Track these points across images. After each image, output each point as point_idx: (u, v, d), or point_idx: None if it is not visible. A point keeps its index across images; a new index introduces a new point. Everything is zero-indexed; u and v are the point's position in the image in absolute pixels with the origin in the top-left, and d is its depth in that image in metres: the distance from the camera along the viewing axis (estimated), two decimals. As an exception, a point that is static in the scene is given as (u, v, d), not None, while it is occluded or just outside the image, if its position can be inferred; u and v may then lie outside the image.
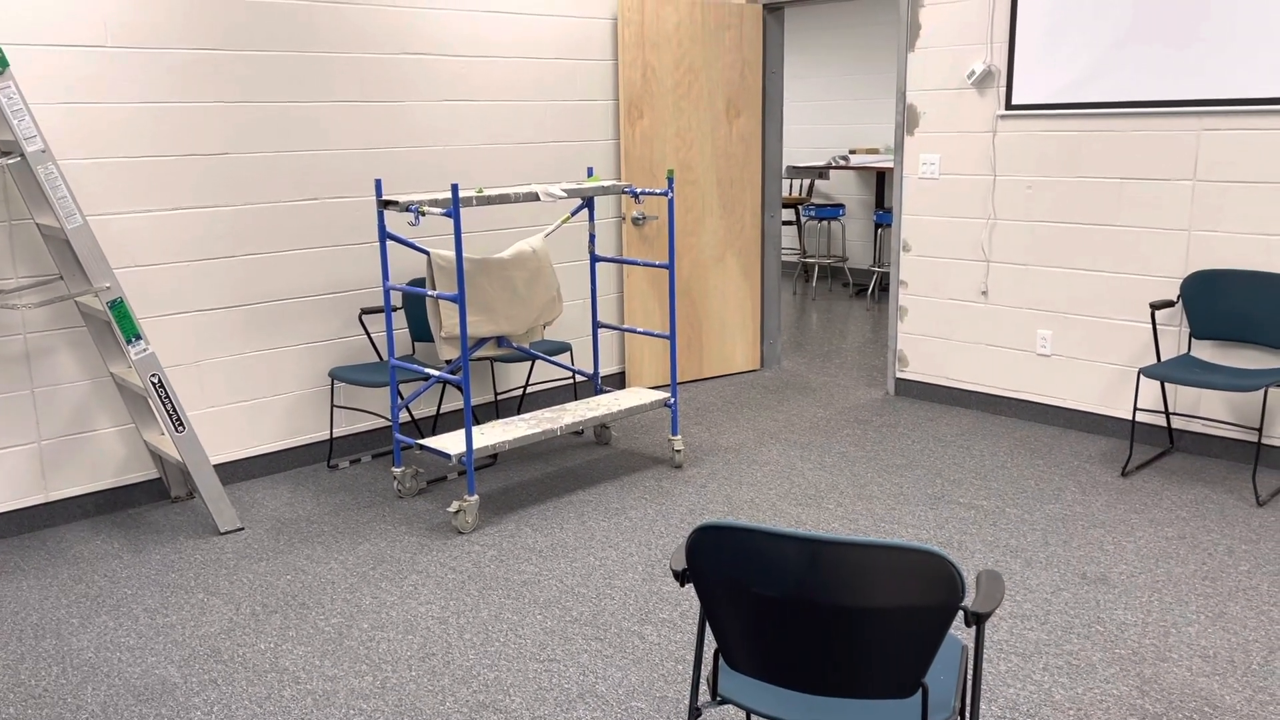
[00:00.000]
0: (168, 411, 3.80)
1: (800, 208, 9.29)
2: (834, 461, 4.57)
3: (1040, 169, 4.85)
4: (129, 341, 3.74)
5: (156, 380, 3.79)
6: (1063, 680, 2.81)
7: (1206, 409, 4.54)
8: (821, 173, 9.08)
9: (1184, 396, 4.60)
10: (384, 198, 3.85)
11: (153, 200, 4.08)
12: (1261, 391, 4.33)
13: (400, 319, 4.87)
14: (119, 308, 3.72)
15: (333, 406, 4.66)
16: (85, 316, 3.95)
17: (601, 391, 4.74)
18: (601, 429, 4.91)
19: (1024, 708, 2.68)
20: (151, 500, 4.27)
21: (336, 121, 4.51)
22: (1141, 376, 4.57)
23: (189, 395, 4.28)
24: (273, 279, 4.44)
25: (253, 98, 4.26)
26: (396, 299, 4.84)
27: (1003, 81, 4.91)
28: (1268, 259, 4.26)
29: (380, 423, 4.87)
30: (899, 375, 5.58)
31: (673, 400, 4.52)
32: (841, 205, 9.09)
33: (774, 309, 6.26)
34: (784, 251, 10.11)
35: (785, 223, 9.59)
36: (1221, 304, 4.34)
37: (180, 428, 3.83)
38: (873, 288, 8.95)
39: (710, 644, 2.99)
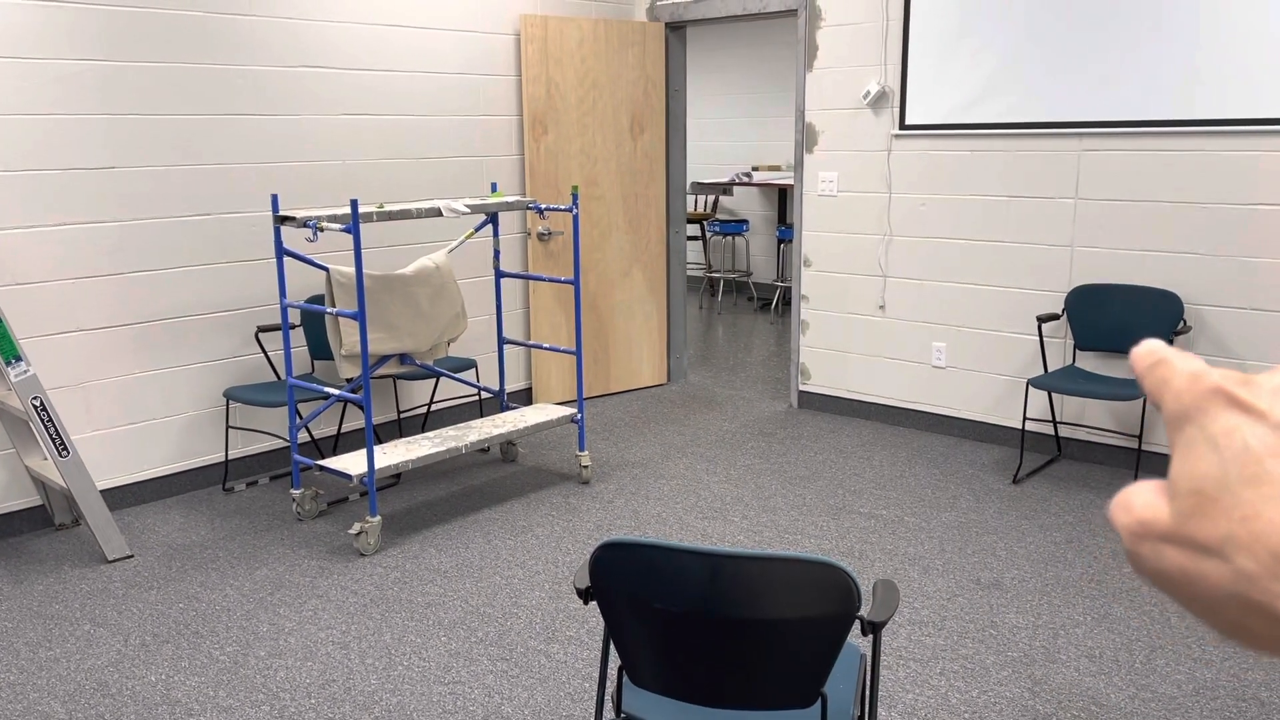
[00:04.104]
0: (50, 435, 3.64)
1: (705, 223, 9.40)
2: (739, 474, 4.63)
3: (932, 187, 5.02)
4: (8, 363, 3.57)
5: (38, 403, 3.63)
6: (958, 684, 2.89)
7: (1091, 417, 4.73)
8: (725, 189, 9.20)
9: (1070, 406, 4.79)
10: (280, 213, 3.77)
11: (35, 215, 3.91)
12: (1141, 400, 4.54)
13: (299, 337, 4.76)
14: (-3, 328, 3.55)
15: (228, 427, 4.52)
16: (-40, 337, 3.77)
17: (508, 408, 4.71)
18: (508, 446, 4.87)
19: (922, 713, 2.75)
20: (34, 528, 4.08)
21: (231, 135, 4.40)
22: (1030, 387, 4.75)
23: (74, 418, 4.11)
24: (164, 296, 4.30)
25: (143, 110, 4.13)
26: (295, 316, 4.73)
27: (897, 102, 5.06)
28: (1143, 273, 4.47)
29: (278, 444, 4.75)
30: (801, 388, 5.68)
31: (579, 416, 4.52)
32: (745, 221, 9.23)
33: (680, 324, 6.32)
34: (689, 266, 10.21)
35: (690, 238, 9.69)
36: (1103, 317, 4.54)
37: (64, 452, 3.67)
38: (776, 302, 9.11)
39: (615, 661, 2.99)
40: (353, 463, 3.91)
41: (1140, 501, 0.41)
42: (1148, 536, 0.40)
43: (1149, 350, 0.43)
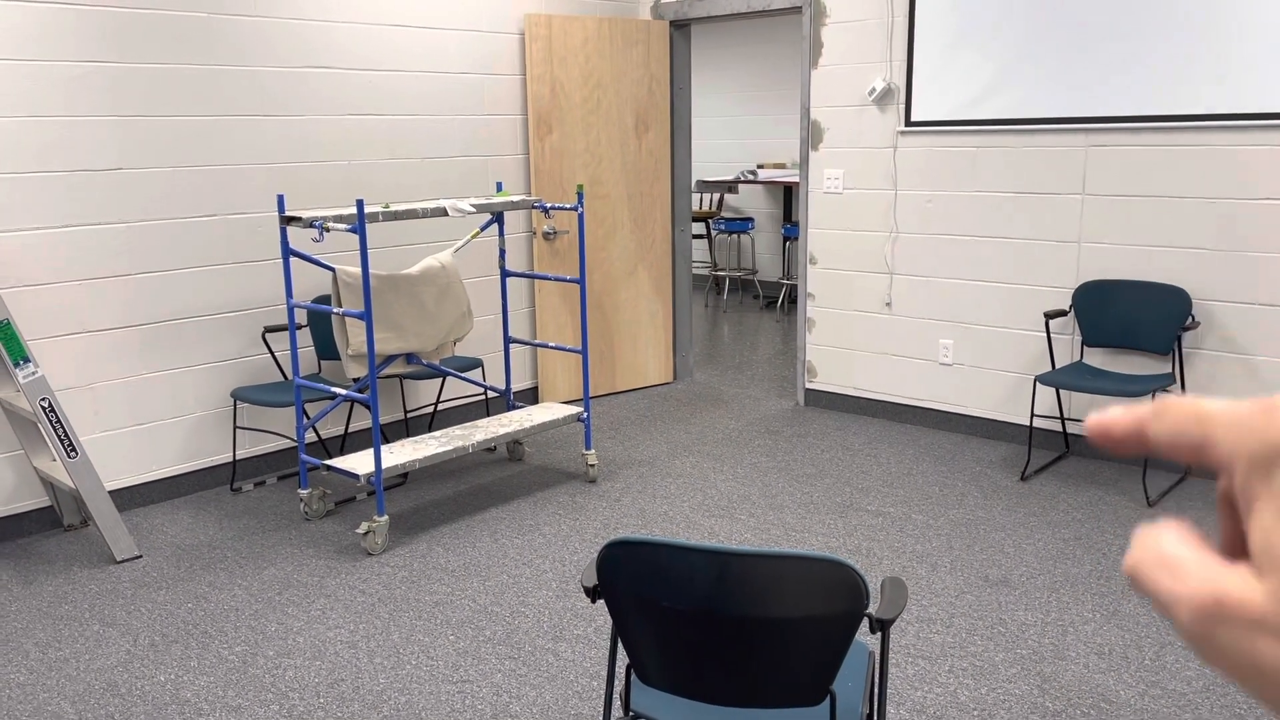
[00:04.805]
0: (59, 437, 3.65)
1: (710, 221, 9.40)
2: (746, 472, 4.62)
3: (939, 183, 5.00)
4: (16, 364, 3.58)
5: (47, 404, 3.63)
6: (967, 682, 2.88)
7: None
8: (730, 187, 9.20)
9: (1077, 402, 4.78)
10: (286, 213, 3.77)
11: (42, 217, 3.92)
12: (1149, 396, 4.53)
13: (305, 337, 4.77)
14: (5, 329, 3.56)
15: (235, 428, 4.53)
16: (-32, 339, 3.78)
17: (514, 407, 4.71)
18: (514, 445, 4.87)
19: (931, 710, 2.75)
20: (43, 529, 4.10)
21: (237, 136, 4.40)
22: (1037, 383, 4.73)
23: (82, 419, 4.12)
24: (171, 297, 4.31)
25: (148, 111, 4.14)
26: (301, 317, 4.74)
27: (902, 99, 5.05)
28: (1151, 269, 4.46)
29: (286, 444, 4.76)
30: (808, 386, 5.68)
31: (586, 415, 4.51)
32: (750, 219, 9.22)
33: (686, 322, 6.31)
34: (695, 265, 10.21)
35: (696, 236, 9.68)
36: (1110, 313, 4.53)
37: (73, 453, 3.68)
38: (782, 300, 9.09)
39: (623, 659, 2.99)
40: (360, 462, 3.91)
41: (1201, 571, 0.31)
42: (1231, 621, 0.30)
43: (1119, 412, 0.35)
